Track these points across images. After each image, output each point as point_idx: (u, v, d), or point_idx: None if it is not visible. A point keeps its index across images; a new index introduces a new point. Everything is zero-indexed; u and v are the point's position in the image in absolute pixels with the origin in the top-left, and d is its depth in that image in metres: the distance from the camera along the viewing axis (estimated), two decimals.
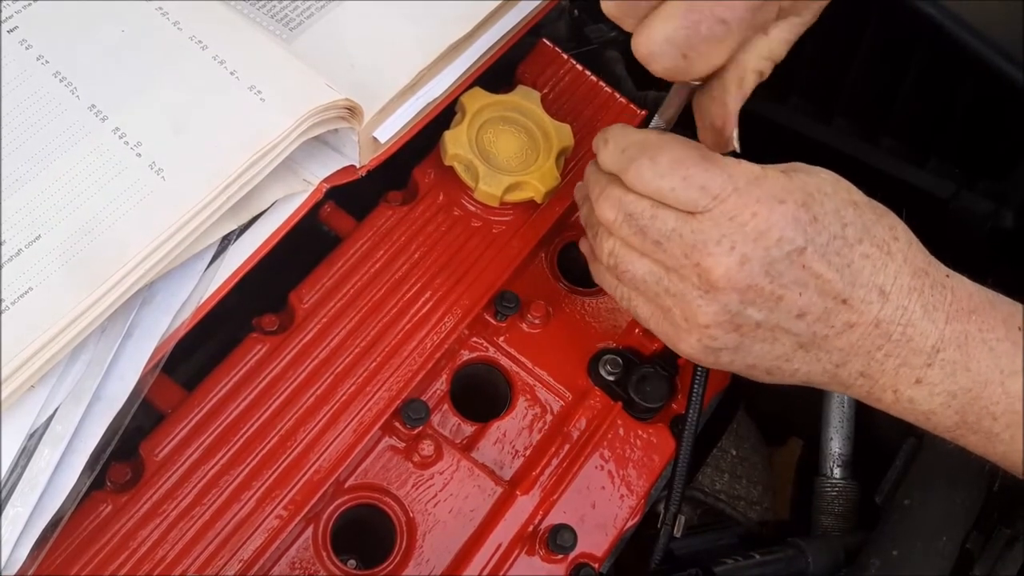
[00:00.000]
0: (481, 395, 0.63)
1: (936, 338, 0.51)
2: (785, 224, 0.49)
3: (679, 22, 0.46)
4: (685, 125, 0.58)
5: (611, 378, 0.63)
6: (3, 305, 0.50)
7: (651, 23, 0.46)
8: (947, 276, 0.53)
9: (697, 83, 0.52)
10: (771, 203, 0.49)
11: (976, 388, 0.51)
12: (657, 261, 0.52)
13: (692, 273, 0.50)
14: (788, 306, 0.50)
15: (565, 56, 0.71)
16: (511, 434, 0.61)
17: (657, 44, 0.46)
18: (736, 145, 0.54)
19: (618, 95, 0.71)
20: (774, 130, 0.84)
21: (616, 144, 0.54)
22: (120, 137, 0.55)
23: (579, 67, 0.71)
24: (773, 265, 0.49)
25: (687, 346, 0.53)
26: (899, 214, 0.55)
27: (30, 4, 0.59)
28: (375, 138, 0.60)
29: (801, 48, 0.58)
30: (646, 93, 0.75)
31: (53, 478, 0.49)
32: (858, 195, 0.52)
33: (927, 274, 0.52)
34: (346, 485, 0.57)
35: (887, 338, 0.51)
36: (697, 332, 0.52)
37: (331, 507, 0.56)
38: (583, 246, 0.60)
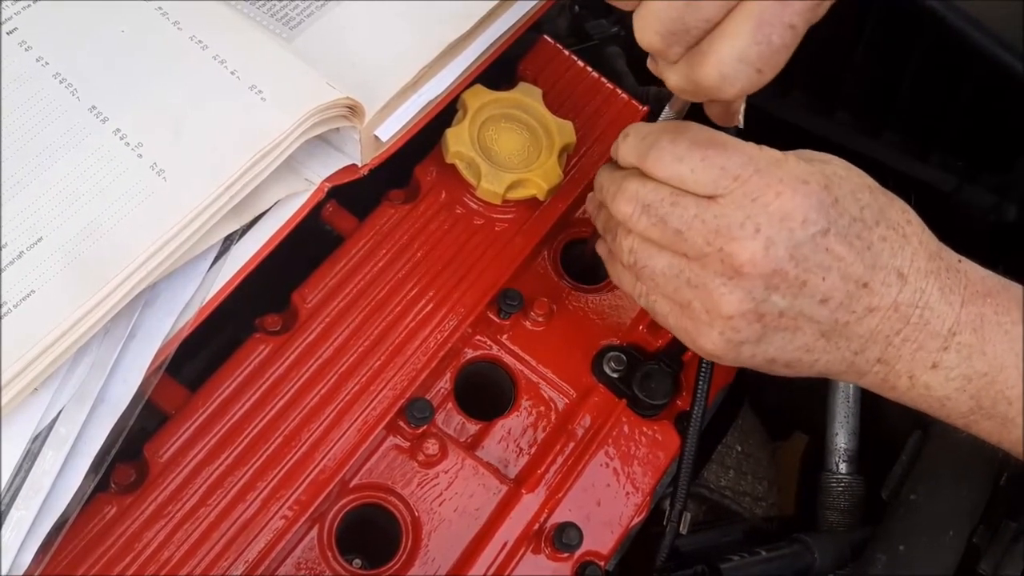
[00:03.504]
0: (485, 393, 0.63)
1: (952, 321, 0.50)
2: (809, 205, 0.49)
3: (750, 37, 0.44)
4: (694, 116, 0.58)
5: (615, 375, 0.63)
6: (5, 308, 0.50)
7: (716, 46, 0.45)
8: (959, 261, 0.52)
9: None
10: (795, 183, 0.49)
11: (992, 372, 0.50)
12: (678, 252, 0.51)
13: (716, 259, 0.50)
14: (812, 291, 0.49)
15: (567, 52, 0.71)
16: (515, 432, 0.61)
17: (730, 65, 0.45)
18: (740, 120, 0.54)
19: (620, 91, 0.70)
20: (775, 124, 0.84)
21: (636, 135, 0.53)
22: (121, 138, 0.55)
23: (580, 63, 0.71)
24: (798, 248, 0.49)
25: (708, 341, 0.52)
26: None
27: (30, 5, 0.59)
28: (377, 137, 0.60)
29: (802, 42, 0.57)
30: (648, 88, 0.75)
31: (57, 481, 0.49)
32: (870, 180, 0.52)
33: (941, 258, 0.52)
34: (351, 485, 0.57)
35: (905, 321, 0.50)
36: (720, 324, 0.51)
37: (336, 507, 0.56)
38: (600, 248, 0.59)
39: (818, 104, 0.84)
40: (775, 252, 0.48)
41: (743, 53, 0.45)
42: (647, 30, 0.46)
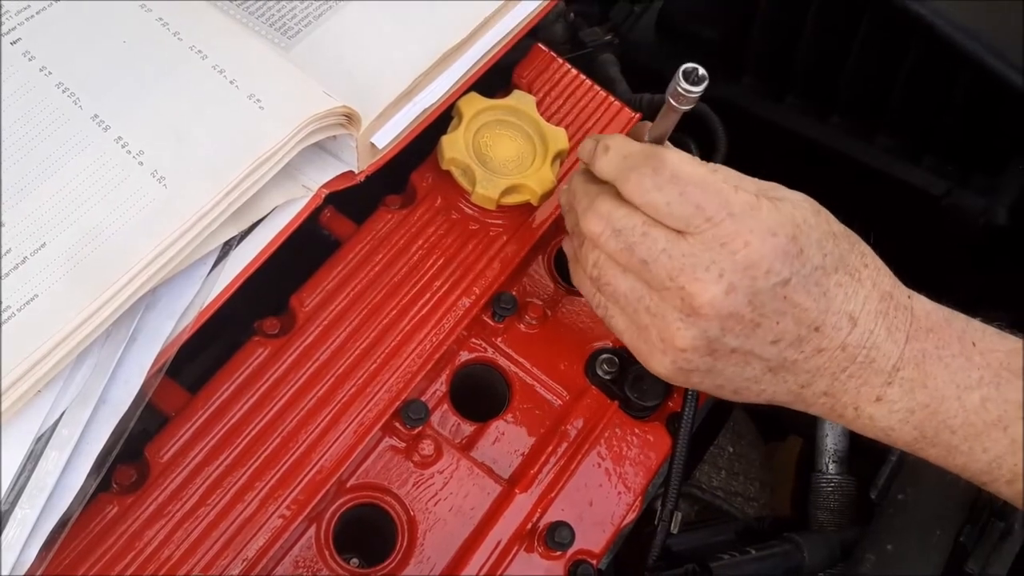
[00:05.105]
0: (480, 395, 0.64)
1: (896, 357, 0.52)
2: (775, 257, 0.50)
3: None
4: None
5: (608, 377, 0.63)
6: (10, 312, 0.51)
7: None
8: (909, 297, 0.54)
9: (688, 108, 0.52)
10: (764, 235, 0.50)
11: (934, 404, 0.52)
12: (641, 279, 0.53)
13: (676, 296, 0.51)
14: (764, 333, 0.51)
15: (560, 60, 0.72)
16: (510, 433, 0.62)
17: None
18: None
19: (613, 98, 0.71)
20: (770, 129, 0.85)
21: (618, 151, 0.54)
22: (123, 146, 0.56)
23: (574, 71, 0.72)
24: (757, 296, 0.50)
25: (659, 365, 0.54)
26: (894, 212, 0.56)
27: (33, 16, 0.60)
28: (373, 144, 0.61)
29: (796, 48, 0.58)
30: (640, 96, 0.76)
31: (60, 480, 0.50)
32: (836, 225, 0.53)
33: (892, 297, 0.53)
34: (348, 485, 0.58)
35: (852, 360, 0.52)
36: (672, 354, 0.52)
37: (333, 507, 0.57)
38: (566, 246, 0.60)
39: (812, 109, 0.84)
40: (735, 298, 0.50)
41: None
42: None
